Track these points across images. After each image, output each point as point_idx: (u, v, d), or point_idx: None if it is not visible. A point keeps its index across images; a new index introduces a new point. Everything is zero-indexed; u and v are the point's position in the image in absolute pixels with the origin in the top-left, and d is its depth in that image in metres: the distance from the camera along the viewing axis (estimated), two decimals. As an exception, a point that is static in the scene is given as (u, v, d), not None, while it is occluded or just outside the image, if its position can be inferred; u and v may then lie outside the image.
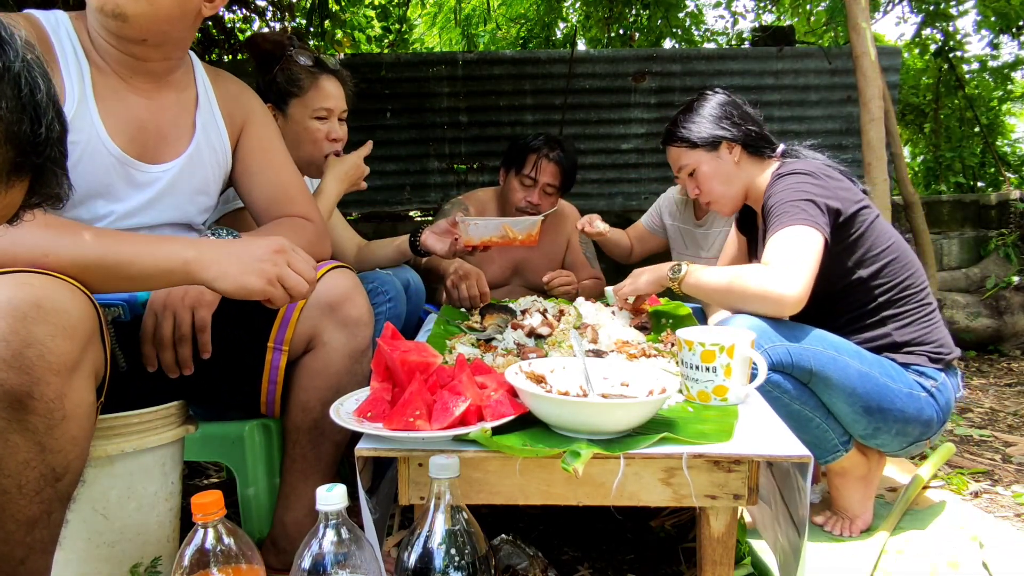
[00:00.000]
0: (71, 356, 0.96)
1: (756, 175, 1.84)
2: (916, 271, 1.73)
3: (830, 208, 1.61)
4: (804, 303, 1.49)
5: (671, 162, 1.94)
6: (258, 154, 1.55)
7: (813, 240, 1.54)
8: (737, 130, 1.82)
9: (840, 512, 1.74)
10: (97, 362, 1.05)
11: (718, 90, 1.91)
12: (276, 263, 1.12)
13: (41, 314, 0.93)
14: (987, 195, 4.63)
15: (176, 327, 1.27)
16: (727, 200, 1.87)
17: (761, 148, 1.85)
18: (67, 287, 0.99)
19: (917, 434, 1.65)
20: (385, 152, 4.89)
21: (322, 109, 1.91)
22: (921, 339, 1.68)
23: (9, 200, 0.76)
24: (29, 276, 0.96)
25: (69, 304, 0.97)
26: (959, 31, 6.07)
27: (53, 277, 0.98)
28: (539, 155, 2.47)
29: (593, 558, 1.67)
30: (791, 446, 1.06)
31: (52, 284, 0.97)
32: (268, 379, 1.43)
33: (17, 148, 0.73)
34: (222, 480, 2.25)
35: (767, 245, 1.59)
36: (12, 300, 0.92)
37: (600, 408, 1.08)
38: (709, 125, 1.83)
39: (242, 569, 0.93)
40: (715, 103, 1.86)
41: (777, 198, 1.65)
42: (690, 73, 4.88)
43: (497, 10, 7.43)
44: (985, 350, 4.13)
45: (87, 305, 1.00)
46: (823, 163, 1.78)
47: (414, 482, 1.09)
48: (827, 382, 1.53)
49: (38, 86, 0.74)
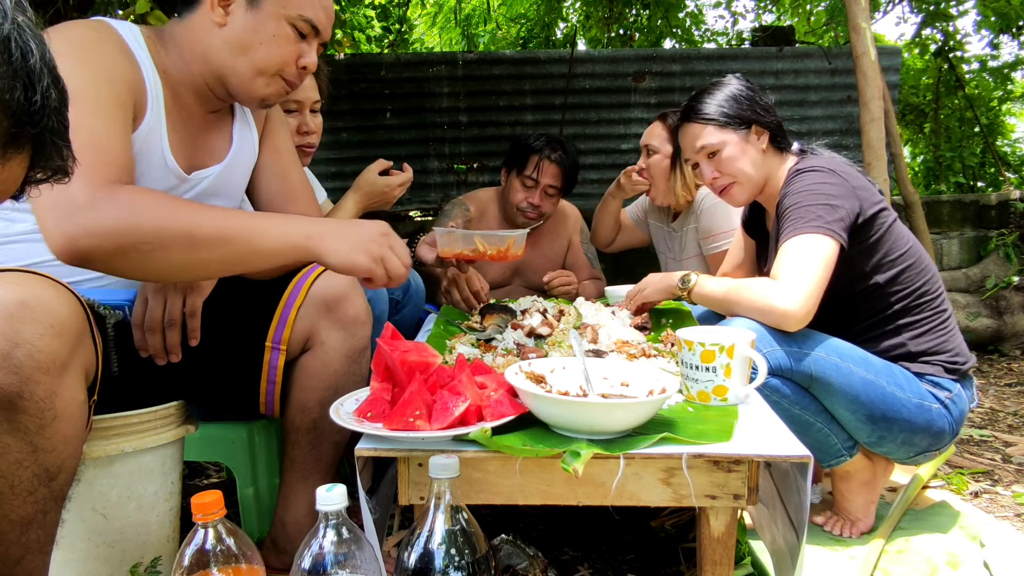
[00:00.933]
0: (60, 355, 0.95)
1: (775, 168, 1.77)
2: (932, 276, 1.68)
3: (848, 210, 1.56)
4: (809, 319, 1.48)
5: (686, 143, 1.81)
6: (271, 153, 1.57)
7: (824, 251, 1.50)
8: (768, 115, 1.75)
9: (842, 515, 1.73)
10: (88, 361, 1.04)
11: (739, 76, 1.82)
12: (381, 244, 1.20)
13: (28, 313, 0.92)
14: (987, 195, 4.62)
15: (167, 312, 1.28)
16: (750, 185, 1.76)
17: (783, 140, 1.78)
18: (53, 285, 0.98)
19: (925, 445, 1.62)
20: (385, 152, 4.88)
21: (290, 102, 1.77)
22: (937, 348, 1.64)
23: (8, 174, 0.73)
24: (13, 275, 0.95)
25: (56, 302, 0.96)
26: (959, 31, 6.08)
27: (38, 276, 0.98)
28: (541, 156, 2.47)
29: (593, 558, 1.67)
30: (791, 446, 1.06)
31: (38, 282, 0.96)
32: (267, 379, 1.43)
33: (11, 118, 0.69)
34: (222, 480, 2.25)
35: (778, 254, 1.56)
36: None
37: (600, 408, 1.08)
38: (739, 105, 1.73)
39: (242, 569, 0.93)
40: (741, 86, 1.77)
41: (793, 199, 1.60)
42: (690, 73, 4.88)
43: (497, 10, 7.43)
44: (985, 350, 4.13)
45: (75, 303, 1.00)
46: (842, 161, 1.71)
47: (414, 482, 1.09)
48: (828, 388, 1.51)
49: (30, 50, 0.70)
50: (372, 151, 4.75)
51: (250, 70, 1.32)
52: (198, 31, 1.32)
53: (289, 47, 1.32)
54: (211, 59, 1.32)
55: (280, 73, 1.34)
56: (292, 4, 1.30)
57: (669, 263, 2.64)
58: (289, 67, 1.34)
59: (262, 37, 1.30)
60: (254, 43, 1.30)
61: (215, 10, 1.29)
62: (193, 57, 1.33)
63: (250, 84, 1.33)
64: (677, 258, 2.58)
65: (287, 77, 1.35)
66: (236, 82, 1.33)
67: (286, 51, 1.32)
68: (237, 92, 1.36)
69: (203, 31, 1.31)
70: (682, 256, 2.54)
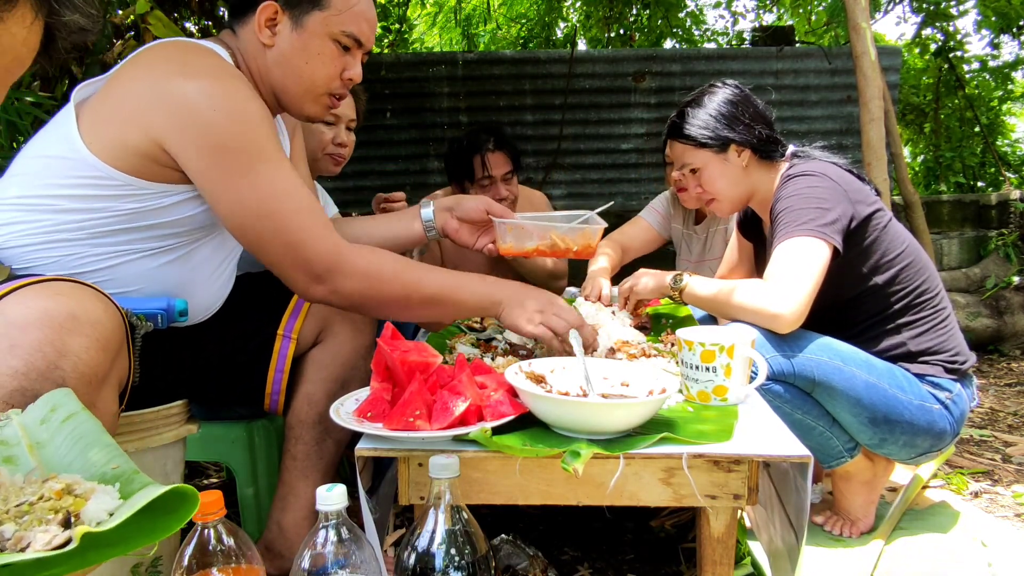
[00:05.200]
0: (103, 367, 0.96)
1: (763, 179, 1.77)
2: (931, 275, 1.67)
3: (842, 213, 1.55)
4: (800, 322, 1.48)
5: (673, 157, 1.85)
6: (296, 160, 1.57)
7: (816, 254, 1.50)
8: (748, 132, 1.73)
9: (842, 514, 1.73)
10: (122, 371, 1.05)
11: (728, 83, 1.81)
12: (546, 312, 1.34)
13: (76, 325, 0.92)
14: (987, 195, 4.63)
15: None
16: (728, 202, 1.80)
17: (771, 151, 1.76)
18: (99, 297, 0.99)
19: (927, 446, 1.61)
20: (385, 152, 4.89)
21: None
22: (937, 348, 1.63)
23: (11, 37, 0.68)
24: (62, 285, 0.96)
25: (103, 315, 0.97)
26: (959, 31, 6.08)
27: (85, 286, 0.98)
28: (481, 154, 2.44)
29: (593, 558, 1.67)
30: (791, 446, 1.06)
31: (85, 294, 0.97)
32: (275, 368, 1.45)
33: None
34: (222, 480, 2.26)
35: (770, 258, 1.56)
36: (48, 310, 0.91)
37: (600, 408, 1.08)
38: (718, 124, 1.73)
39: (242, 569, 0.93)
40: (725, 99, 1.76)
41: (785, 204, 1.60)
42: (690, 73, 4.88)
43: (497, 10, 7.43)
44: (985, 350, 4.13)
45: (118, 317, 1.01)
46: (834, 163, 1.70)
47: (414, 482, 1.09)
48: (831, 392, 1.51)
49: None
50: (372, 151, 4.76)
51: (299, 88, 1.34)
52: (253, 49, 1.34)
53: (334, 64, 1.34)
54: (265, 77, 1.35)
55: (328, 91, 1.36)
56: (335, 21, 1.31)
57: (684, 264, 2.63)
58: (335, 82, 1.36)
59: (308, 56, 1.31)
60: (300, 63, 1.32)
61: (262, 31, 1.31)
62: (254, 74, 1.35)
63: (300, 102, 1.37)
64: (699, 259, 2.57)
65: (334, 92, 1.37)
66: (287, 99, 1.37)
67: (331, 68, 1.33)
68: (288, 108, 1.40)
69: (254, 49, 1.33)
70: (706, 256, 2.53)
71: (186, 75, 1.17)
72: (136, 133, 1.17)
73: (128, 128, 1.17)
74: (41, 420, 0.76)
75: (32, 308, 0.91)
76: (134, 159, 1.18)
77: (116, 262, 1.24)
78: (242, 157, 1.19)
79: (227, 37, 1.36)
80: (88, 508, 0.62)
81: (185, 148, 1.17)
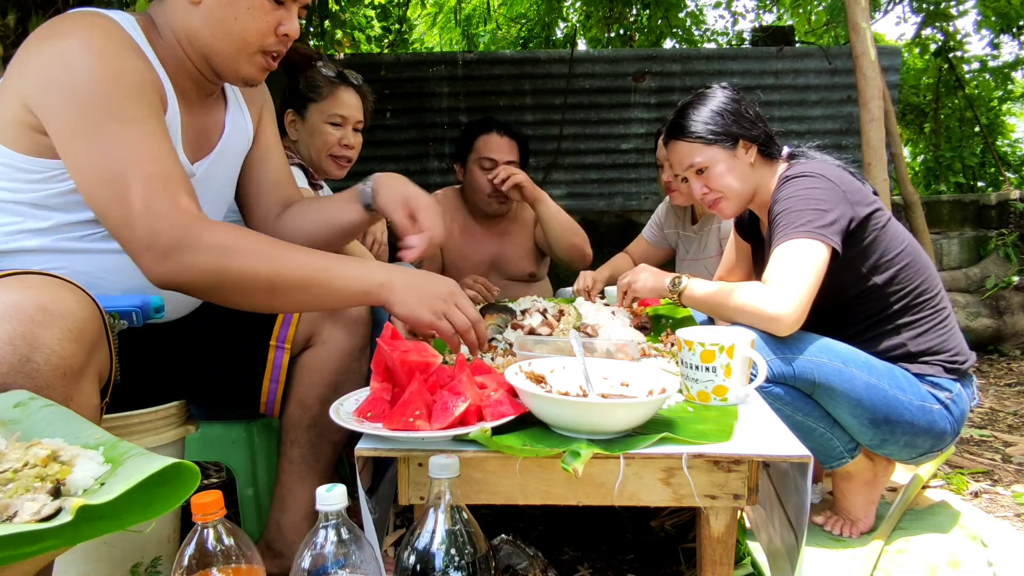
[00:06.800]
0: (78, 360, 0.94)
1: (765, 178, 1.76)
2: (930, 274, 1.67)
3: (840, 214, 1.55)
4: (800, 323, 1.47)
5: (675, 159, 1.80)
6: (271, 139, 1.55)
7: (815, 255, 1.50)
8: (754, 128, 1.74)
9: (842, 514, 1.73)
10: (102, 364, 1.04)
11: (725, 85, 1.80)
12: (447, 302, 1.24)
13: (48, 317, 0.91)
14: (987, 195, 4.63)
15: None
16: (736, 199, 1.76)
17: (772, 150, 1.77)
18: (71, 288, 0.97)
19: (928, 446, 1.61)
20: (385, 152, 4.89)
21: (336, 116, 2.05)
22: (937, 348, 1.63)
23: None
24: (33, 278, 0.95)
25: (75, 307, 0.95)
26: (959, 31, 6.08)
27: (58, 279, 0.97)
28: (488, 134, 2.51)
29: (593, 558, 1.67)
30: (791, 446, 1.06)
31: (57, 286, 0.95)
32: (270, 377, 1.44)
33: None
34: (222, 480, 2.25)
35: (769, 260, 1.56)
36: (18, 303, 0.90)
37: (600, 408, 1.08)
38: (725, 121, 1.71)
39: (242, 569, 0.93)
40: (728, 98, 1.75)
41: (783, 205, 1.59)
42: (690, 73, 4.88)
43: (497, 10, 7.43)
44: (985, 350, 4.13)
45: (92, 308, 1.00)
46: (832, 164, 1.70)
47: (414, 482, 1.09)
48: (831, 393, 1.51)
49: None
50: (372, 151, 4.76)
51: (230, 47, 1.26)
52: (178, 12, 1.25)
53: (266, 17, 1.25)
54: (194, 40, 1.26)
55: (261, 48, 1.28)
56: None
57: (681, 263, 2.65)
58: (269, 38, 1.27)
59: (237, 11, 1.24)
60: (229, 19, 1.24)
61: None
62: (180, 40, 1.28)
63: (232, 62, 1.28)
64: (695, 258, 2.58)
65: (269, 49, 1.29)
66: (218, 61, 1.28)
67: (263, 23, 1.25)
68: (221, 71, 1.30)
69: (182, 11, 1.25)
70: (701, 255, 2.55)
71: (51, 36, 1.14)
72: (15, 105, 1.13)
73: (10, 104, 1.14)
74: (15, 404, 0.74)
75: (0, 302, 0.89)
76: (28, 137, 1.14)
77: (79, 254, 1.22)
78: (97, 115, 1.11)
79: (153, 8, 1.31)
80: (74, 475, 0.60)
81: (48, 108, 1.12)
